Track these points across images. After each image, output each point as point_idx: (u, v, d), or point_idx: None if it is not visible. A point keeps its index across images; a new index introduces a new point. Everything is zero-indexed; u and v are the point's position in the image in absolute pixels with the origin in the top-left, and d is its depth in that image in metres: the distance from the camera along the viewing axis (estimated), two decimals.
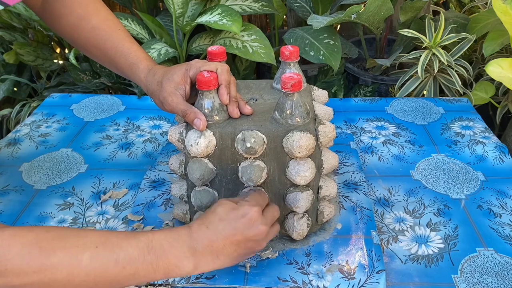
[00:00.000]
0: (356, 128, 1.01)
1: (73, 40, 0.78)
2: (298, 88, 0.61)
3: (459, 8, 1.58)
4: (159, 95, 0.68)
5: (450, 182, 0.84)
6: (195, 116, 0.63)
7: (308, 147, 0.62)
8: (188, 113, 0.64)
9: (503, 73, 0.90)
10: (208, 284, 0.64)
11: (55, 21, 0.78)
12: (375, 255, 0.68)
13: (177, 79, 0.66)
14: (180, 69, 0.67)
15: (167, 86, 0.67)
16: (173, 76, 0.67)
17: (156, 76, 0.69)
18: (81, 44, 0.78)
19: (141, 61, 0.73)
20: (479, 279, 0.66)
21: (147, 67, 0.72)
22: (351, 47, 1.43)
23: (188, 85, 0.67)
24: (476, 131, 0.99)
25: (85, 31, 0.75)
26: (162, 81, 0.68)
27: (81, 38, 0.77)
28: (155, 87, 0.69)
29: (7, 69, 1.58)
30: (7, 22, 1.46)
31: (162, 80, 0.68)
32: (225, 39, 1.26)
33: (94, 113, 1.08)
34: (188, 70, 0.67)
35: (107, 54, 0.75)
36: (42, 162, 0.91)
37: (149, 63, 0.73)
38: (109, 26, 0.76)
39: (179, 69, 0.67)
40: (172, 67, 0.69)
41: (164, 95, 0.67)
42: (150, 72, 0.71)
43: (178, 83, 0.66)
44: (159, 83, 0.68)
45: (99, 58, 0.78)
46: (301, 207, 0.66)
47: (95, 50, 0.76)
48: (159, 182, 0.84)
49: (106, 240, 0.52)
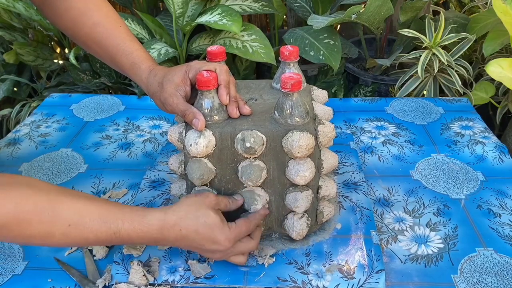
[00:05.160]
0: (355, 128, 1.01)
1: (74, 35, 0.78)
2: (298, 88, 0.61)
3: (459, 8, 1.58)
4: (160, 96, 0.68)
5: (449, 182, 0.84)
6: (193, 116, 0.64)
7: (308, 147, 0.62)
8: (187, 113, 0.65)
9: (503, 73, 0.90)
10: (208, 284, 0.64)
11: (56, 15, 0.77)
12: (375, 255, 0.68)
13: (177, 80, 0.67)
14: (180, 71, 0.67)
15: (168, 87, 0.67)
16: (173, 77, 0.67)
17: (157, 77, 0.70)
18: (81, 40, 0.77)
19: (143, 61, 0.73)
20: (478, 279, 0.66)
21: (148, 68, 0.72)
22: (351, 47, 1.43)
23: (188, 86, 0.67)
24: (476, 131, 0.99)
25: (86, 27, 0.75)
26: (163, 82, 0.68)
27: (81, 34, 0.76)
28: (156, 88, 0.69)
29: (7, 69, 1.58)
30: (7, 22, 1.46)
31: (162, 81, 0.68)
32: (225, 39, 1.26)
33: (94, 113, 1.08)
34: (187, 72, 0.67)
35: (108, 51, 0.75)
36: (42, 162, 0.91)
37: (150, 63, 0.73)
38: (111, 23, 0.75)
39: (179, 70, 0.68)
40: (172, 68, 0.69)
41: (164, 96, 0.67)
42: (151, 73, 0.71)
43: (178, 84, 0.67)
44: (159, 84, 0.68)
45: (99, 54, 0.77)
46: (300, 207, 0.66)
47: (95, 46, 0.76)
48: (158, 182, 0.84)
49: (79, 219, 0.56)
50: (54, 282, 0.66)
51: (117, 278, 0.65)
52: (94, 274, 0.67)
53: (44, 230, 0.55)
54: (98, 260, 0.69)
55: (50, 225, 0.55)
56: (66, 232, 0.55)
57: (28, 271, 0.68)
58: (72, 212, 0.56)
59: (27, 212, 0.53)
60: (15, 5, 1.31)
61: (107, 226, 0.57)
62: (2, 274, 0.67)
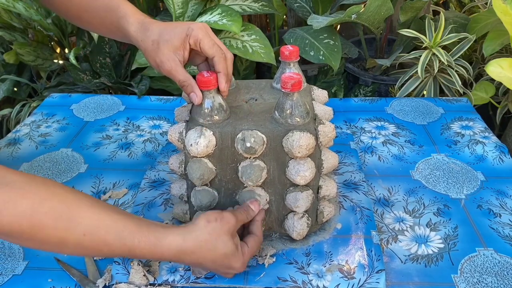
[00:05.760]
0: (356, 128, 1.01)
1: (66, 10, 0.76)
2: (298, 88, 0.61)
3: (459, 8, 1.58)
4: (155, 56, 0.65)
5: (450, 182, 0.84)
6: (192, 89, 0.63)
7: (308, 146, 0.62)
8: (186, 85, 0.63)
9: (503, 73, 0.90)
10: (208, 284, 0.64)
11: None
12: (375, 255, 0.68)
13: (177, 43, 0.63)
14: (180, 33, 0.64)
15: (165, 48, 0.64)
16: (172, 39, 0.64)
17: (151, 33, 0.65)
18: (74, 13, 0.76)
19: (131, 15, 0.68)
20: (478, 278, 0.66)
21: (137, 20, 0.67)
22: (351, 47, 1.43)
23: (187, 51, 0.64)
24: (476, 131, 0.99)
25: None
26: (159, 41, 0.64)
27: (73, 5, 0.74)
28: (149, 46, 0.65)
29: (7, 69, 1.58)
30: (7, 22, 1.46)
31: (159, 39, 0.64)
32: (225, 39, 1.26)
33: (94, 113, 1.08)
34: (188, 37, 0.63)
35: (98, 15, 0.72)
36: (42, 162, 0.91)
37: (139, 16, 0.68)
38: None
39: (179, 32, 0.64)
40: (168, 25, 0.66)
41: (161, 58, 0.64)
42: (142, 26, 0.66)
43: (177, 48, 0.64)
44: (154, 42, 0.65)
45: (91, 23, 0.75)
46: (301, 207, 0.66)
47: (86, 14, 0.74)
48: (159, 182, 0.84)
49: (95, 230, 0.54)
50: (54, 282, 0.66)
51: (117, 278, 0.65)
52: (95, 274, 0.67)
53: (58, 236, 0.52)
54: (98, 260, 0.69)
55: (64, 232, 0.52)
56: (80, 241, 0.53)
57: (28, 271, 0.68)
58: (89, 222, 0.54)
59: (43, 215, 0.51)
60: (15, 5, 1.31)
61: (122, 242, 0.55)
62: (3, 274, 0.67)
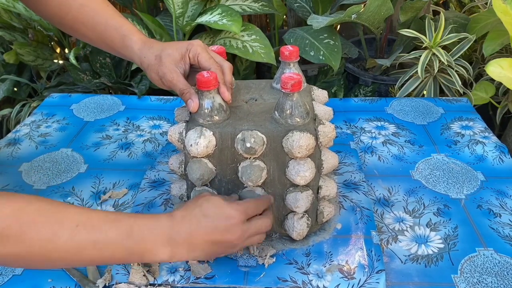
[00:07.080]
0: (356, 128, 1.01)
1: (60, 21, 0.76)
2: (298, 88, 0.61)
3: (459, 8, 1.58)
4: (158, 69, 0.68)
5: (450, 182, 0.84)
6: (189, 97, 0.65)
7: (308, 147, 0.62)
8: (185, 92, 0.65)
9: (503, 73, 0.90)
10: (208, 284, 0.64)
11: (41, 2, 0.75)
12: (375, 255, 0.68)
13: (177, 56, 0.67)
14: (181, 47, 0.67)
15: (167, 61, 0.67)
16: (173, 53, 0.67)
17: (153, 50, 0.69)
18: (68, 24, 0.76)
19: (134, 33, 0.72)
20: (479, 279, 0.66)
21: (141, 39, 0.71)
22: (351, 47, 1.43)
23: (187, 65, 0.68)
24: (476, 131, 0.99)
25: (73, 10, 0.74)
26: (162, 56, 0.67)
27: (68, 18, 0.75)
28: (152, 61, 0.69)
29: (7, 69, 1.58)
30: (7, 22, 1.46)
31: (161, 54, 0.68)
32: (225, 39, 1.26)
33: (94, 113, 1.08)
34: (188, 51, 0.67)
35: (96, 30, 0.73)
36: (42, 162, 0.91)
37: (142, 36, 0.72)
38: (97, 2, 0.74)
39: (180, 47, 0.68)
40: (170, 43, 0.69)
41: (163, 70, 0.67)
42: (145, 45, 0.70)
43: (178, 61, 0.67)
44: (157, 57, 0.68)
45: (87, 36, 0.76)
46: (301, 207, 0.66)
47: (83, 28, 0.75)
48: (159, 182, 0.84)
49: (87, 220, 0.53)
50: (54, 282, 0.66)
51: (117, 278, 0.65)
52: (94, 274, 0.67)
53: (50, 231, 0.50)
54: None
55: (56, 225, 0.51)
56: (74, 233, 0.51)
57: (28, 271, 0.68)
58: (79, 214, 0.53)
59: (33, 212, 0.51)
60: (15, 5, 1.31)
61: (118, 225, 0.54)
62: (2, 274, 0.67)
